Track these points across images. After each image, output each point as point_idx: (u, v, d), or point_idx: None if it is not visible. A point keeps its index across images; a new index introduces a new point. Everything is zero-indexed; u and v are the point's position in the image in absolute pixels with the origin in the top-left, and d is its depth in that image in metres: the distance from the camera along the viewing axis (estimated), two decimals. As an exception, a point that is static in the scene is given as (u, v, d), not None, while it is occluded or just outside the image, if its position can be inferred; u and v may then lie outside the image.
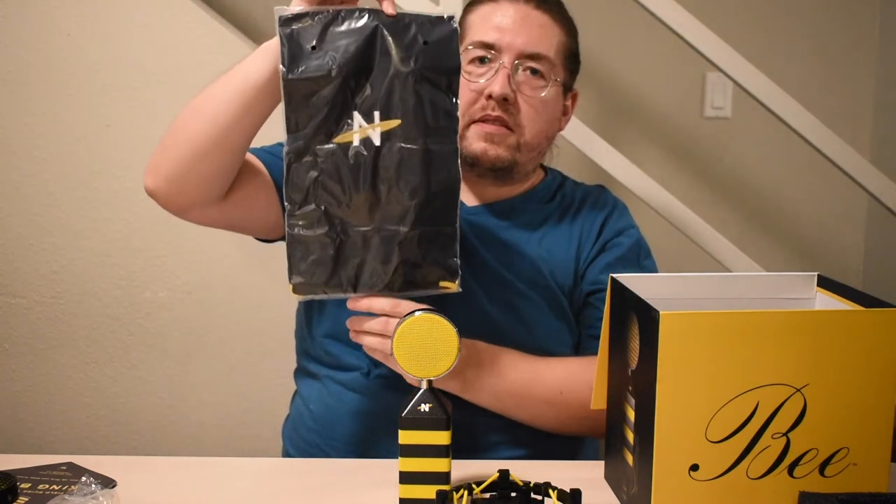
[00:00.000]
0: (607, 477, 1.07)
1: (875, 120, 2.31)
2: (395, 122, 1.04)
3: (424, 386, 0.96)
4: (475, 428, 1.19)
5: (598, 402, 1.08)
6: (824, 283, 1.04)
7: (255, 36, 2.01)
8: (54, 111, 1.79)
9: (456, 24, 1.04)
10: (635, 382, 0.95)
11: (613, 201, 1.37)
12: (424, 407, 0.95)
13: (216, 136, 1.08)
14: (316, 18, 1.02)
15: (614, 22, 2.18)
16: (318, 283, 1.06)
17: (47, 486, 1.02)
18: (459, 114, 1.07)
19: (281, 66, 1.02)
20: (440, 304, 1.02)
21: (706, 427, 0.89)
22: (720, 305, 1.02)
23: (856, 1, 2.27)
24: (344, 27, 1.03)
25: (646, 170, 1.91)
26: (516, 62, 1.23)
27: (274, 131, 1.12)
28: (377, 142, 1.04)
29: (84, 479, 0.99)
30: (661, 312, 0.86)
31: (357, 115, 1.04)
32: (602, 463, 1.09)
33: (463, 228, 1.28)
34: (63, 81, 1.78)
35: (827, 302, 1.02)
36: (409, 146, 1.04)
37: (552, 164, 1.41)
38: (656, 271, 1.34)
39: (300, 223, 1.05)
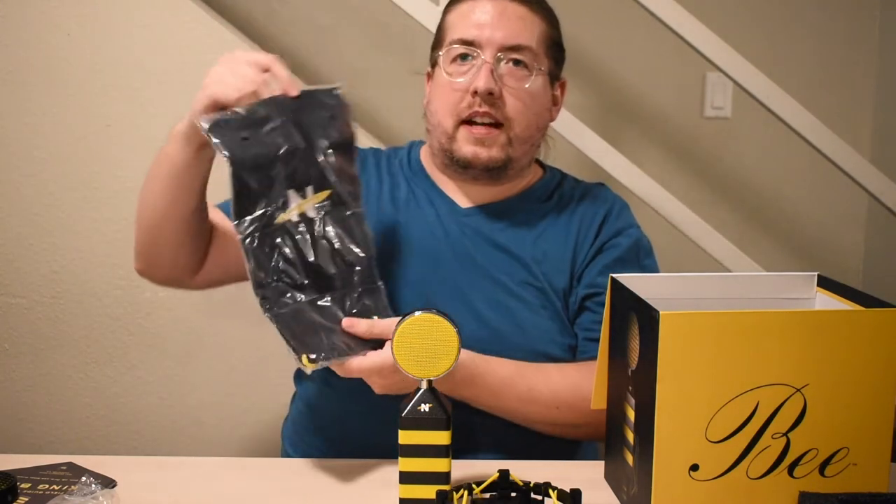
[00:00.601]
0: (607, 477, 1.07)
1: (875, 120, 2.31)
2: (326, 193, 1.14)
3: (424, 386, 0.96)
4: (468, 428, 1.19)
5: (598, 402, 1.08)
6: (824, 283, 1.04)
7: (255, 36, 2.01)
8: (54, 111, 1.79)
9: (342, 94, 1.14)
10: (635, 382, 0.95)
11: (612, 200, 1.36)
12: (424, 407, 0.95)
13: (161, 215, 1.19)
14: (237, 116, 1.10)
15: (614, 22, 2.18)
16: (324, 349, 1.08)
17: (47, 486, 1.02)
18: (446, 114, 1.19)
19: (224, 155, 1.09)
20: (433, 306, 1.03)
21: (706, 427, 0.89)
22: (720, 305, 1.02)
23: (856, 1, 2.27)
24: (264, 119, 1.11)
25: (646, 170, 1.91)
26: (498, 55, 1.22)
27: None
28: (312, 214, 1.14)
29: (84, 479, 0.99)
30: (661, 312, 0.86)
31: (292, 194, 1.13)
32: (602, 463, 1.09)
33: (457, 230, 1.28)
34: (63, 81, 1.78)
35: (827, 302, 1.02)
36: (341, 213, 1.14)
37: (548, 158, 1.40)
38: (657, 271, 1.33)
39: (274, 302, 1.11)
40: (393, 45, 1.25)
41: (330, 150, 1.14)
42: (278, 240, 1.11)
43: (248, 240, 1.10)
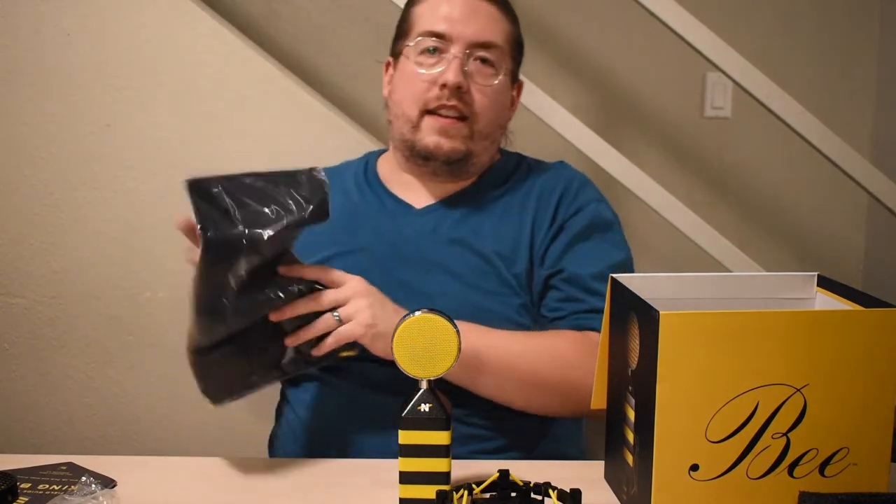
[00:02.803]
0: (607, 477, 1.07)
1: (875, 120, 2.31)
2: None
3: (424, 386, 0.96)
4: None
5: (598, 401, 1.08)
6: (824, 283, 1.04)
7: (255, 36, 2.01)
8: (54, 111, 1.79)
9: (322, 176, 1.08)
10: (635, 382, 0.95)
11: (569, 178, 1.34)
12: (424, 407, 0.95)
13: None
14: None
15: (614, 22, 2.18)
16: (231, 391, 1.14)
17: (47, 486, 1.02)
18: (411, 104, 1.23)
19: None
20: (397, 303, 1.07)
21: (706, 427, 0.89)
22: (720, 305, 1.02)
23: (856, 1, 2.27)
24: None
25: (646, 170, 1.91)
26: (467, 51, 1.23)
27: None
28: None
29: (84, 479, 0.99)
30: (661, 312, 0.86)
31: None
32: (602, 463, 1.09)
33: (409, 232, 1.28)
34: (63, 81, 1.78)
35: (827, 302, 1.02)
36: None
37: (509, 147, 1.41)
38: (623, 242, 1.31)
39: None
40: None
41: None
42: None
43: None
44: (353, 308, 1.09)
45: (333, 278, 1.11)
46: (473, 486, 0.94)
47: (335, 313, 1.09)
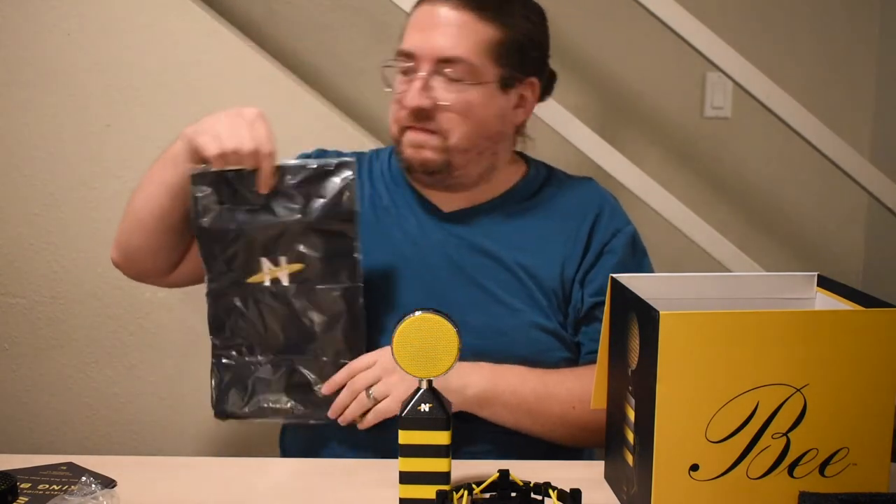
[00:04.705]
0: (607, 477, 1.07)
1: (875, 120, 2.31)
2: (298, 266, 1.18)
3: (424, 386, 0.96)
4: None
5: (598, 402, 1.08)
6: (824, 283, 1.04)
7: (255, 36, 2.01)
8: (54, 111, 1.79)
9: (349, 174, 1.16)
10: (635, 382, 0.95)
11: (602, 197, 1.33)
12: (424, 407, 0.95)
13: (149, 220, 1.22)
14: (224, 176, 1.16)
15: (614, 22, 2.18)
16: (238, 408, 1.23)
17: (47, 486, 1.02)
18: (392, 122, 1.23)
19: (193, 216, 1.17)
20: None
21: (706, 427, 0.89)
22: (720, 305, 1.02)
23: (856, 1, 2.27)
24: (248, 186, 1.16)
25: (646, 170, 1.91)
26: (434, 69, 1.20)
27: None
28: (286, 282, 1.18)
29: (84, 479, 0.99)
30: (661, 312, 0.86)
31: (265, 261, 1.18)
32: (602, 463, 1.09)
33: (440, 237, 1.27)
34: (63, 81, 1.78)
35: (827, 302, 1.02)
36: (315, 286, 1.18)
37: (541, 156, 1.39)
38: (652, 267, 1.32)
39: (225, 354, 1.23)
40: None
41: (315, 229, 1.17)
42: (238, 300, 1.20)
43: (211, 294, 1.21)
44: (386, 386, 1.14)
45: (363, 364, 1.17)
46: (473, 486, 0.94)
47: (369, 392, 1.15)
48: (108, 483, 1.03)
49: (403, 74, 1.23)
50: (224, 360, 1.23)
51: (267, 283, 1.18)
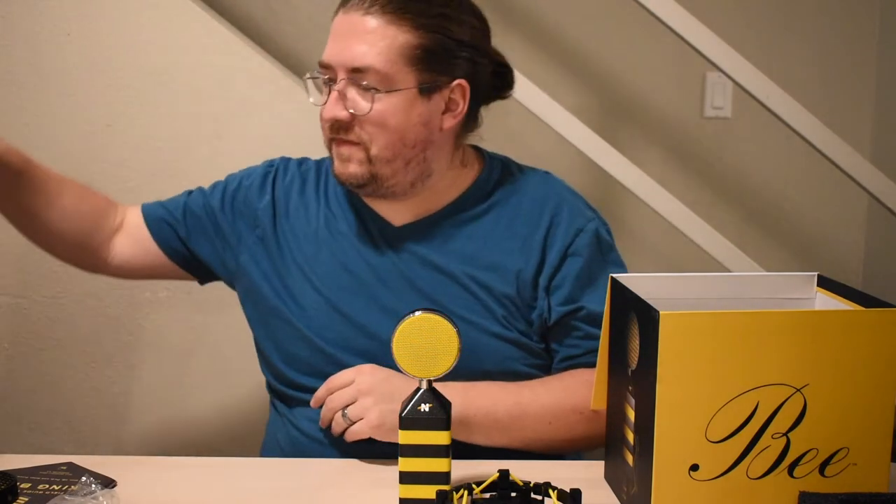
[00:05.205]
0: (607, 477, 1.07)
1: (875, 120, 2.31)
2: None
3: (424, 386, 0.96)
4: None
5: (598, 402, 1.08)
6: (824, 283, 1.04)
7: (255, 36, 2.01)
8: (54, 111, 1.79)
9: None
10: (635, 382, 0.95)
11: (558, 195, 1.27)
12: (424, 407, 0.95)
13: (16, 223, 1.30)
14: None
15: (614, 22, 2.18)
16: None
17: (47, 486, 1.02)
18: (323, 136, 1.21)
19: None
20: (383, 332, 1.05)
21: (706, 427, 0.89)
22: (720, 305, 1.02)
23: (856, 1, 2.27)
24: None
25: (646, 170, 1.91)
26: (348, 79, 1.16)
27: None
28: None
29: (84, 479, 0.98)
30: (661, 312, 0.86)
31: None
32: (602, 463, 1.09)
33: (392, 254, 1.23)
34: (63, 81, 1.78)
35: (827, 302, 1.02)
36: None
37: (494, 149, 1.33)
38: (622, 263, 1.27)
39: None
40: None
41: None
42: None
43: None
44: (361, 408, 1.12)
45: (341, 381, 1.15)
46: (473, 486, 0.94)
47: (344, 412, 1.13)
48: (108, 483, 1.03)
49: (325, 85, 1.19)
50: None
51: None
